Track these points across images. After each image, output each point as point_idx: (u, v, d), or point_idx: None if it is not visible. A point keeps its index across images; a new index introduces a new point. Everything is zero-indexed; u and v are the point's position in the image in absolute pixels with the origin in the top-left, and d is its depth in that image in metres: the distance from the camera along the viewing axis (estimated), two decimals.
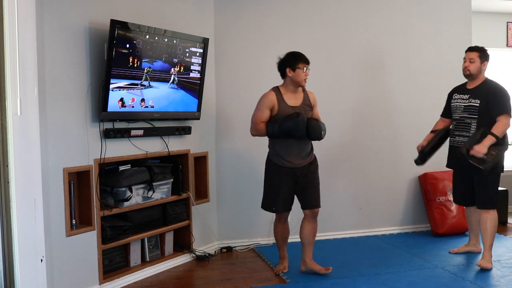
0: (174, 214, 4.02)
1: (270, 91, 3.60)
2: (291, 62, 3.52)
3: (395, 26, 4.87)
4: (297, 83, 3.55)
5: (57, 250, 3.13)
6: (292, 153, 3.56)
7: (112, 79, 3.32)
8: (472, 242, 4.15)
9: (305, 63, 3.53)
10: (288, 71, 3.53)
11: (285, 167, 3.56)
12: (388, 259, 4.08)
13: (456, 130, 3.89)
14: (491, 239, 3.78)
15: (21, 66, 2.47)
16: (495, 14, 5.97)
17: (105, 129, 3.42)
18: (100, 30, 3.36)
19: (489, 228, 3.76)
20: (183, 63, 3.86)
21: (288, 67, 3.52)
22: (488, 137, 3.60)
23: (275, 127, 3.46)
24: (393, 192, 4.89)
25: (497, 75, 5.92)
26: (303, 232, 3.67)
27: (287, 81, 3.57)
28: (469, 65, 3.80)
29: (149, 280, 3.70)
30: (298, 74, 3.52)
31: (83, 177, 3.36)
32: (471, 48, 3.87)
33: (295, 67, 3.51)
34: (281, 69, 3.58)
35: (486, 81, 3.82)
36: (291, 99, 3.57)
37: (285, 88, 3.59)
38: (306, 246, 3.68)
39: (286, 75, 3.55)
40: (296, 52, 3.57)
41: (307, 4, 4.64)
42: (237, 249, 4.44)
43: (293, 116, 3.46)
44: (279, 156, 3.57)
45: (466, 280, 3.57)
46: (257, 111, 3.57)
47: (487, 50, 3.86)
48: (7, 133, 2.45)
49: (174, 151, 3.99)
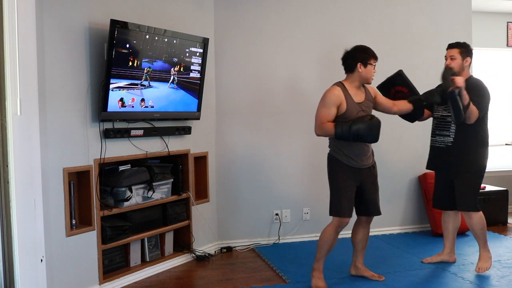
0: (174, 214, 4.02)
1: (335, 86, 3.36)
2: (363, 57, 3.33)
3: (395, 26, 4.87)
4: (366, 79, 3.38)
5: (57, 250, 3.13)
6: (360, 151, 3.36)
7: (112, 79, 3.32)
8: (446, 251, 3.94)
9: (375, 59, 3.38)
10: (359, 66, 3.32)
11: (354, 167, 3.35)
12: (388, 259, 4.08)
13: (436, 129, 3.80)
14: (483, 239, 3.70)
15: (21, 66, 2.47)
16: (495, 14, 5.97)
17: (105, 129, 3.42)
18: (100, 30, 3.36)
19: (478, 231, 3.66)
20: (183, 63, 3.86)
21: (360, 62, 3.33)
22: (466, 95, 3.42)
23: (345, 129, 3.19)
24: (393, 192, 4.89)
25: (497, 75, 5.96)
26: (358, 237, 3.55)
27: (355, 76, 3.36)
28: (451, 63, 3.63)
29: (149, 280, 3.70)
30: (369, 70, 3.35)
31: (83, 177, 3.36)
32: (451, 45, 3.71)
33: (367, 63, 3.33)
34: (350, 63, 3.36)
35: (470, 79, 3.63)
36: (356, 96, 3.36)
37: (350, 84, 3.37)
38: (359, 251, 3.59)
39: (355, 70, 3.34)
40: (367, 47, 3.40)
41: (308, 4, 4.64)
42: (237, 249, 4.44)
43: (366, 119, 3.23)
44: (348, 156, 3.34)
45: (466, 280, 3.57)
46: (323, 109, 3.30)
47: (469, 46, 3.71)
48: (7, 133, 2.45)
49: (174, 151, 3.99)
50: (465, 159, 3.62)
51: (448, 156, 3.69)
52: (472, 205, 3.63)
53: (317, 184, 4.52)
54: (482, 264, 3.70)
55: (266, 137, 4.59)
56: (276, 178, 4.61)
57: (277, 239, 4.61)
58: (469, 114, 3.47)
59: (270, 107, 4.58)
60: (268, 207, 4.62)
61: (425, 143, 4.84)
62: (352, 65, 3.36)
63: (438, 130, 3.79)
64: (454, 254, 3.96)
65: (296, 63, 4.62)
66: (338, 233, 3.42)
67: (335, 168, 3.39)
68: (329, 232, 3.39)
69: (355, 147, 3.34)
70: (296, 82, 4.63)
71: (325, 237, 3.40)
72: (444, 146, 3.72)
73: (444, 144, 3.72)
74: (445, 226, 3.92)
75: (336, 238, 3.42)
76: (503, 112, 6.00)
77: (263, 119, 4.58)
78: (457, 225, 3.90)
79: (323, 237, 3.41)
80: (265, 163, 4.59)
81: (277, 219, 4.63)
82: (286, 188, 4.63)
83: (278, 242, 4.60)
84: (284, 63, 4.59)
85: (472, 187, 3.64)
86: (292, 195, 4.64)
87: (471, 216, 3.64)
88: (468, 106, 3.44)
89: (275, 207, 4.64)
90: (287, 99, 4.60)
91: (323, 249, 3.41)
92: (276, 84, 4.59)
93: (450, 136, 3.68)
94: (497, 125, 5.74)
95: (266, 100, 4.57)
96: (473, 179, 3.63)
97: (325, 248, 3.41)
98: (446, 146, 3.70)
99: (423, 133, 4.21)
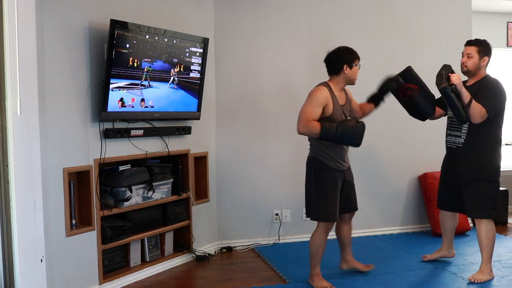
0: (174, 214, 4.02)
1: (322, 87, 3.34)
2: (349, 58, 3.33)
3: (395, 26, 4.88)
4: (351, 81, 3.40)
5: (57, 250, 3.13)
6: (343, 154, 3.39)
7: (112, 79, 3.32)
8: (444, 247, 3.93)
9: (359, 60, 3.39)
10: (345, 68, 3.32)
11: (339, 170, 3.37)
12: (388, 259, 4.08)
13: (449, 129, 3.70)
14: (487, 251, 3.52)
15: (21, 66, 2.47)
16: (495, 14, 5.97)
17: (105, 129, 3.42)
18: (100, 30, 3.36)
19: (484, 240, 3.50)
20: (183, 63, 3.86)
21: (346, 64, 3.32)
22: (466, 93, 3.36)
23: (331, 129, 3.18)
24: (393, 192, 4.90)
25: (497, 75, 5.96)
26: (344, 234, 3.63)
27: (340, 78, 3.36)
28: (467, 61, 3.51)
29: (149, 280, 3.70)
30: (354, 71, 3.37)
31: (83, 177, 3.36)
32: (469, 42, 3.58)
33: (352, 64, 3.34)
34: (336, 65, 3.35)
35: (486, 78, 3.52)
36: (340, 98, 3.39)
37: (335, 86, 3.37)
38: (347, 246, 3.67)
39: (341, 72, 3.34)
40: (351, 48, 3.38)
41: (308, 4, 4.64)
42: (237, 249, 4.45)
43: (351, 122, 3.24)
44: (334, 159, 3.35)
45: (466, 280, 3.57)
46: (309, 107, 3.26)
47: (489, 44, 3.56)
48: (7, 133, 2.45)
49: (174, 151, 3.99)
50: (476, 162, 3.49)
51: (458, 157, 3.58)
52: (484, 212, 3.48)
53: None
54: (478, 275, 3.53)
55: (266, 137, 4.59)
56: (276, 178, 4.61)
57: (277, 239, 4.61)
58: (472, 113, 3.36)
59: (270, 107, 4.58)
60: (268, 207, 4.62)
61: (425, 143, 4.88)
62: (337, 67, 3.35)
63: (450, 130, 3.69)
64: (453, 250, 3.96)
65: (296, 63, 4.63)
66: (327, 235, 3.42)
67: (321, 172, 3.34)
68: (319, 237, 3.39)
69: (339, 150, 3.37)
70: (296, 82, 4.63)
71: (316, 243, 3.40)
72: (455, 147, 3.62)
73: (455, 145, 3.61)
74: (443, 225, 3.90)
75: (326, 240, 3.42)
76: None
77: (263, 119, 4.58)
78: (455, 224, 3.88)
79: (315, 244, 3.40)
80: (265, 163, 4.59)
81: (277, 219, 4.63)
82: (286, 188, 4.63)
83: (278, 242, 4.60)
84: (284, 63, 4.60)
85: (486, 194, 3.48)
86: (292, 195, 4.64)
87: (481, 222, 3.52)
88: (469, 105, 3.35)
89: (275, 207, 4.64)
90: (287, 99, 4.60)
91: (317, 255, 3.41)
92: (276, 84, 4.59)
93: (461, 137, 3.56)
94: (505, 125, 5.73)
95: (266, 100, 4.57)
96: (486, 185, 3.48)
97: (319, 253, 3.41)
98: (457, 147, 3.59)
99: (423, 133, 4.21)
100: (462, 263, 3.94)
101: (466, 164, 3.54)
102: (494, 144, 3.52)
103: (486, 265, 3.55)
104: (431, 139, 4.78)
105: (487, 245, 3.51)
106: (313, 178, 3.37)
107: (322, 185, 3.34)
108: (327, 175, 3.34)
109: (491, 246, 3.53)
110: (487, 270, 3.55)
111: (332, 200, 3.34)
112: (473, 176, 3.51)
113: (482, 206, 3.49)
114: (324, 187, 3.34)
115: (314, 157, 3.39)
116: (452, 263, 3.92)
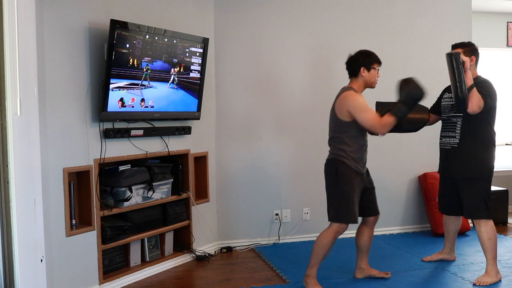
0: (174, 214, 4.03)
1: (352, 91, 3.33)
2: (366, 61, 3.34)
3: (395, 26, 4.87)
4: (370, 84, 3.39)
5: (57, 250, 3.13)
6: (364, 156, 3.37)
7: (112, 79, 3.32)
8: (446, 250, 3.95)
9: (379, 64, 3.39)
10: (362, 71, 3.34)
11: (360, 172, 3.34)
12: (388, 259, 4.08)
13: (443, 131, 3.72)
14: (490, 252, 3.50)
15: (21, 66, 2.48)
16: (495, 14, 5.97)
17: (105, 129, 3.42)
18: (100, 30, 3.36)
19: (486, 241, 3.49)
20: (183, 63, 3.86)
21: (363, 66, 3.34)
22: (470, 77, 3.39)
23: (400, 106, 3.19)
24: (393, 192, 4.89)
25: (497, 75, 5.96)
26: (364, 239, 3.53)
27: (359, 81, 3.38)
28: None
29: (149, 280, 3.70)
30: (372, 74, 3.36)
31: (83, 177, 3.36)
32: (454, 46, 3.63)
33: (370, 67, 3.35)
34: (353, 68, 3.38)
35: (478, 78, 3.54)
36: None
37: (358, 89, 3.38)
38: (364, 253, 3.57)
39: (359, 75, 3.36)
40: (370, 52, 3.40)
41: (308, 5, 4.64)
42: (237, 249, 4.45)
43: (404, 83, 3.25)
44: (356, 161, 3.31)
45: (466, 280, 3.57)
46: (367, 111, 3.24)
47: (473, 44, 3.60)
48: (7, 133, 2.45)
49: (174, 151, 3.99)
50: (471, 162, 3.51)
51: (454, 158, 3.59)
52: (480, 212, 3.50)
53: (317, 184, 4.49)
54: (483, 278, 3.49)
55: (266, 137, 4.59)
56: (276, 178, 4.61)
57: (277, 239, 4.62)
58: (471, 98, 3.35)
59: (270, 107, 4.58)
60: (268, 207, 4.62)
61: (425, 144, 4.87)
62: (355, 69, 3.37)
63: (444, 131, 3.71)
64: (454, 253, 3.96)
65: (296, 63, 4.62)
66: (336, 238, 3.35)
67: (344, 173, 3.29)
68: (328, 237, 3.32)
69: (361, 153, 3.34)
70: (296, 83, 4.63)
71: (323, 243, 3.33)
72: (449, 148, 3.63)
73: (450, 146, 3.62)
74: (446, 227, 3.90)
75: (333, 244, 3.35)
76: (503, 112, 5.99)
77: (263, 119, 4.58)
78: (458, 227, 3.88)
79: (321, 243, 3.33)
80: (265, 163, 4.59)
81: (277, 219, 4.63)
82: (286, 188, 4.64)
83: (278, 242, 4.60)
84: (284, 63, 4.59)
85: (480, 194, 3.50)
86: (292, 195, 4.64)
87: (479, 223, 3.51)
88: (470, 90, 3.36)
89: (275, 207, 4.64)
90: (287, 99, 4.60)
91: (319, 255, 3.34)
92: (276, 84, 4.59)
93: (456, 137, 3.58)
94: (497, 125, 5.72)
95: (266, 100, 4.57)
96: (481, 185, 3.50)
97: (321, 254, 3.34)
98: (452, 147, 3.60)
99: (423, 133, 4.20)
100: (462, 263, 3.94)
101: (461, 163, 3.55)
102: (487, 144, 3.55)
103: (491, 267, 3.52)
104: (431, 139, 4.76)
105: (490, 246, 3.50)
106: (335, 179, 3.33)
107: (344, 185, 3.29)
108: (348, 176, 3.29)
109: (493, 246, 3.51)
110: (493, 271, 3.51)
111: (355, 202, 3.30)
112: (467, 175, 3.53)
113: (477, 206, 3.51)
114: (346, 187, 3.29)
115: (335, 158, 3.34)
116: (452, 263, 3.92)
